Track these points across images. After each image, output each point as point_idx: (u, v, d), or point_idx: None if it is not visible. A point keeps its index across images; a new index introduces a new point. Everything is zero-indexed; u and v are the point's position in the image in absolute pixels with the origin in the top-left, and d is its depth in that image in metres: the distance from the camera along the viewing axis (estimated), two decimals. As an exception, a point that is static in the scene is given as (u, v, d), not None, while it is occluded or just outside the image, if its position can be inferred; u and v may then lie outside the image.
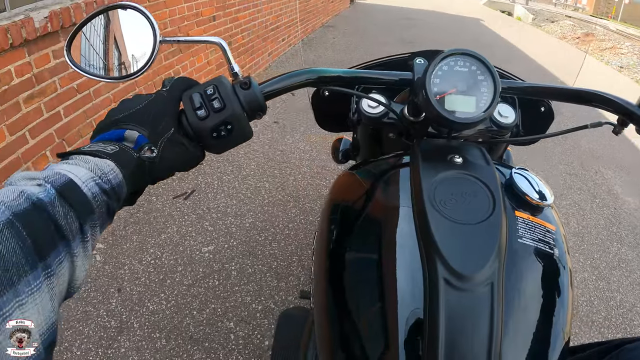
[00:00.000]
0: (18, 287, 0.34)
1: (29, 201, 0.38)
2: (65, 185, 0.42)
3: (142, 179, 0.53)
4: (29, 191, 0.39)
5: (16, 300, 0.34)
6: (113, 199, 0.48)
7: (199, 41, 0.69)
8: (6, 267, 0.33)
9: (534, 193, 0.72)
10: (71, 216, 0.41)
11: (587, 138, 4.05)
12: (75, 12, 2.16)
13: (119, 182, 0.48)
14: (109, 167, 0.48)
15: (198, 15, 3.57)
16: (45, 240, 0.38)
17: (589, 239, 2.65)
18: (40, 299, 0.36)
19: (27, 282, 0.35)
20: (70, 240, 0.41)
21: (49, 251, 0.38)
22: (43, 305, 0.36)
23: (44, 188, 0.40)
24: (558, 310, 0.65)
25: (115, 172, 0.48)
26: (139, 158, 0.52)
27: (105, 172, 0.47)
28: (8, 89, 1.83)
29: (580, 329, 2.02)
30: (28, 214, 0.37)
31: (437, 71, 0.68)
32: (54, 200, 0.40)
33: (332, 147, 1.68)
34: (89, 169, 0.46)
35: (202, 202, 2.68)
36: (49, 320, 0.37)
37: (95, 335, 1.80)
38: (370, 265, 0.69)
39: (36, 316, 0.35)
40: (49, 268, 0.38)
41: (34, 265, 0.36)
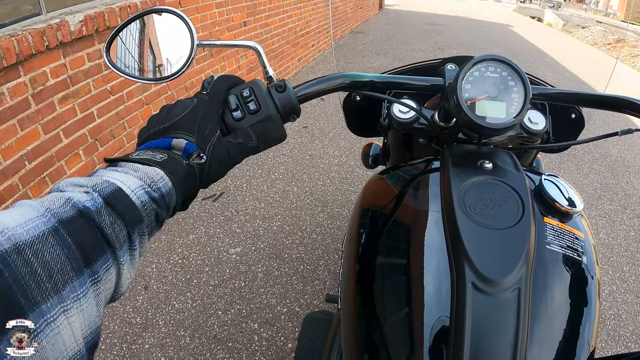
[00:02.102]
0: (63, 293, 0.34)
1: (75, 209, 0.39)
2: (112, 193, 0.42)
3: (192, 186, 0.52)
4: (75, 199, 0.39)
5: (61, 306, 0.34)
6: (162, 208, 0.47)
7: (235, 45, 0.70)
8: (50, 273, 0.34)
9: (564, 200, 0.70)
10: (118, 224, 0.41)
11: (618, 146, 3.91)
12: (109, 17, 2.21)
13: (169, 191, 0.48)
14: (158, 175, 0.47)
15: (229, 21, 3.62)
16: (92, 247, 0.38)
17: (618, 251, 2.54)
18: (87, 304, 0.36)
19: (73, 287, 0.35)
20: (117, 248, 0.40)
21: (96, 258, 0.38)
22: (89, 311, 0.37)
23: (91, 196, 0.41)
24: (584, 320, 0.63)
25: (164, 181, 0.48)
26: (188, 165, 0.51)
27: (154, 181, 0.47)
28: (43, 89, 1.88)
29: (607, 343, 1.93)
30: (74, 221, 0.38)
31: (468, 77, 0.69)
32: (101, 208, 0.40)
33: (362, 152, 1.68)
34: (139, 177, 0.46)
35: (230, 204, 2.70)
36: (94, 325, 0.37)
37: (121, 330, 1.82)
38: (398, 270, 0.69)
39: (81, 321, 0.36)
40: (95, 274, 0.38)
41: (80, 272, 0.36)
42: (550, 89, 0.82)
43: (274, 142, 0.62)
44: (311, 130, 3.79)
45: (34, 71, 1.83)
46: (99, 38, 2.20)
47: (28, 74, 1.80)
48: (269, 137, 0.60)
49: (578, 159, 3.61)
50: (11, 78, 1.72)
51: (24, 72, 1.78)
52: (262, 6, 4.23)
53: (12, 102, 1.74)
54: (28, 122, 1.83)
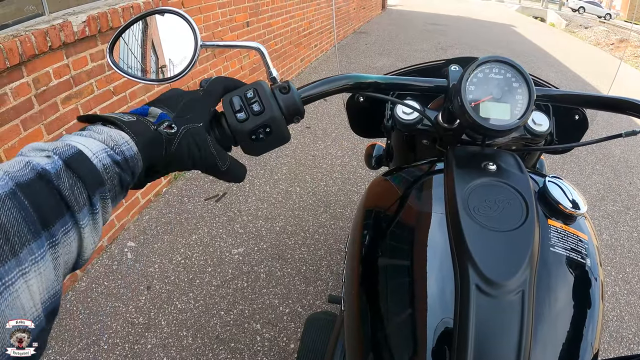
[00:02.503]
0: (20, 256, 0.34)
1: (34, 172, 0.38)
2: (73, 156, 0.41)
3: (158, 154, 0.51)
4: (34, 162, 0.39)
5: (19, 269, 0.33)
6: (126, 172, 0.47)
7: (239, 46, 0.70)
8: (7, 236, 0.33)
9: (567, 202, 0.70)
10: (78, 187, 0.40)
11: (621, 147, 3.90)
12: (112, 17, 2.21)
13: (133, 155, 0.47)
14: (123, 138, 0.47)
15: (232, 21, 3.62)
16: (50, 210, 0.38)
17: (621, 252, 2.53)
18: (45, 267, 0.36)
19: (31, 250, 0.35)
20: (77, 211, 0.40)
21: (54, 221, 0.38)
22: (47, 275, 0.36)
23: (51, 159, 0.40)
24: (588, 322, 0.63)
25: (129, 145, 0.47)
26: (156, 131, 0.51)
27: (118, 144, 0.46)
28: (47, 89, 1.88)
29: (610, 344, 1.93)
30: (31, 184, 0.37)
31: (472, 78, 0.69)
32: (60, 170, 0.40)
33: (365, 153, 1.68)
34: (102, 140, 0.45)
35: (233, 204, 2.70)
36: (52, 290, 0.37)
37: (123, 330, 1.82)
38: (402, 271, 0.69)
39: (39, 285, 0.35)
40: (53, 237, 0.37)
41: (37, 235, 0.36)
42: (554, 90, 0.82)
43: (278, 143, 0.63)
44: (314, 131, 3.79)
45: (37, 71, 1.83)
46: (102, 39, 2.20)
47: (31, 74, 1.80)
48: (239, 173, 0.61)
49: (581, 160, 3.59)
50: (14, 78, 1.72)
51: (27, 72, 1.78)
52: (265, 6, 4.23)
53: (16, 102, 1.74)
54: (31, 123, 1.83)
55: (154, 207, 2.64)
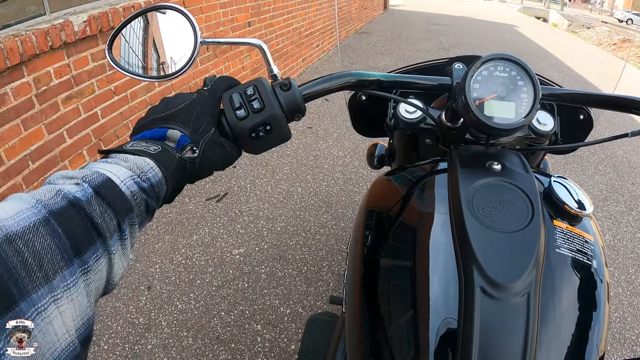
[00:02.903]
0: (53, 283, 0.35)
1: (65, 200, 0.39)
2: (102, 183, 0.43)
3: (182, 179, 0.53)
4: (65, 190, 0.40)
5: (51, 295, 0.34)
6: (152, 198, 0.48)
7: (240, 43, 0.69)
8: (41, 263, 0.34)
9: (573, 202, 0.69)
10: (108, 214, 0.42)
11: (623, 147, 3.88)
12: (113, 17, 2.21)
13: (159, 181, 0.49)
14: (148, 165, 0.48)
15: (233, 21, 3.62)
16: (82, 237, 0.38)
17: (624, 253, 2.52)
18: (77, 294, 0.37)
19: (63, 277, 0.35)
20: (108, 237, 0.41)
21: (86, 248, 0.39)
22: (79, 301, 0.37)
23: (81, 187, 0.41)
24: (594, 324, 0.62)
25: (154, 171, 0.48)
26: (180, 158, 0.52)
27: (144, 171, 0.47)
28: (47, 89, 1.88)
29: (612, 345, 1.91)
30: (64, 212, 0.38)
31: (476, 76, 0.68)
32: (91, 198, 0.41)
33: (367, 152, 1.67)
34: (128, 167, 0.46)
35: (234, 204, 2.69)
36: (85, 316, 0.38)
37: (124, 330, 1.81)
38: (404, 272, 0.68)
39: (72, 311, 0.36)
40: (85, 264, 0.38)
41: (70, 262, 0.37)
42: (560, 89, 0.81)
43: (278, 141, 0.62)
44: (315, 131, 3.78)
45: (37, 71, 1.83)
46: (102, 38, 2.20)
47: (32, 74, 1.80)
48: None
49: (584, 160, 3.58)
50: (15, 78, 1.72)
51: (28, 72, 1.78)
52: (267, 6, 4.23)
53: (16, 102, 1.74)
54: (32, 122, 1.83)
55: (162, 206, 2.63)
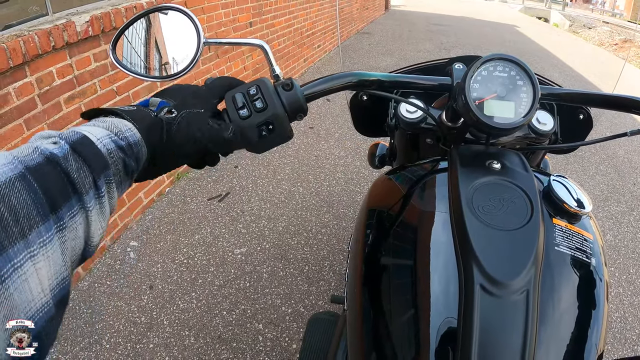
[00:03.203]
0: (29, 238, 0.34)
1: (42, 156, 0.39)
2: (78, 140, 0.43)
3: (156, 140, 0.52)
4: (43, 147, 0.40)
5: (28, 251, 0.34)
6: (131, 157, 0.48)
7: (242, 43, 0.70)
8: (17, 218, 0.34)
9: (572, 201, 0.70)
10: (84, 170, 0.41)
11: (625, 147, 3.87)
12: (115, 17, 2.21)
13: (137, 141, 0.49)
14: (125, 126, 0.48)
15: (235, 22, 3.63)
16: (58, 192, 0.38)
17: (625, 253, 2.52)
18: (52, 251, 0.36)
19: (39, 233, 0.35)
20: (83, 193, 0.41)
21: (61, 204, 0.38)
22: (54, 259, 0.36)
23: (58, 145, 0.41)
24: (593, 323, 0.62)
25: (132, 131, 0.49)
26: (155, 117, 0.52)
27: (121, 130, 0.47)
28: (50, 89, 1.89)
29: (613, 345, 1.91)
30: (40, 167, 0.38)
31: (476, 76, 0.69)
32: (67, 154, 0.41)
33: (368, 152, 1.67)
34: (105, 127, 0.47)
35: (236, 204, 2.70)
36: (60, 275, 0.37)
37: (125, 330, 1.82)
38: (405, 271, 0.68)
39: (47, 269, 0.35)
40: (61, 220, 0.38)
41: (46, 217, 0.36)
42: (559, 89, 0.82)
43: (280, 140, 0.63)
44: (317, 131, 3.79)
45: (40, 71, 1.83)
46: (105, 38, 2.20)
47: (34, 74, 1.80)
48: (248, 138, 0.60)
49: (584, 160, 3.58)
50: (18, 78, 1.73)
51: (30, 72, 1.78)
52: (268, 7, 4.23)
53: (19, 102, 1.74)
54: (34, 122, 1.84)
55: (157, 207, 2.64)
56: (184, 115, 0.54)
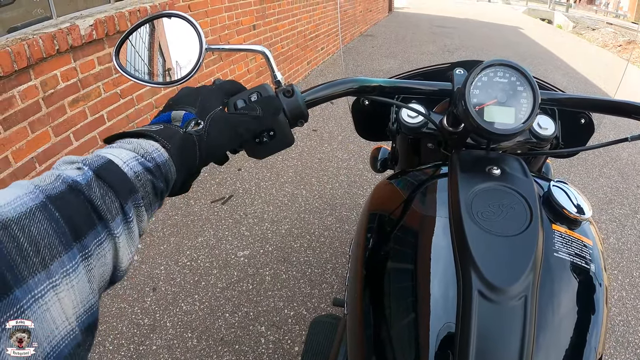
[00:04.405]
0: (51, 268, 0.33)
1: (64, 184, 0.38)
2: (102, 165, 0.41)
3: (190, 156, 0.51)
4: (65, 174, 0.39)
5: (49, 282, 0.33)
6: (159, 178, 0.47)
7: (244, 50, 0.71)
8: (37, 248, 0.33)
9: (572, 207, 0.69)
10: (109, 196, 0.40)
11: (628, 150, 3.86)
12: (119, 21, 2.23)
13: (165, 161, 0.47)
14: (152, 146, 0.47)
15: (238, 25, 3.64)
16: (82, 221, 0.37)
17: (628, 256, 2.50)
18: (77, 280, 0.35)
19: (62, 262, 0.34)
20: (109, 220, 0.40)
21: (86, 232, 0.37)
22: (80, 287, 0.36)
23: (82, 171, 0.40)
24: (592, 328, 0.62)
25: (159, 151, 0.47)
26: (185, 133, 0.51)
27: (148, 151, 0.46)
28: (54, 92, 1.90)
29: (616, 349, 1.90)
30: (62, 196, 0.37)
31: (476, 82, 0.69)
32: (91, 181, 0.39)
33: (370, 156, 1.68)
34: (131, 149, 0.46)
35: (239, 207, 2.71)
36: (87, 303, 0.36)
37: (129, 331, 1.83)
38: (405, 275, 0.69)
39: (72, 298, 0.35)
40: (86, 249, 0.37)
41: (69, 246, 0.35)
42: (560, 94, 0.82)
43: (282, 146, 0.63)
44: (320, 134, 3.79)
45: (44, 74, 1.85)
46: (109, 42, 2.22)
47: (39, 77, 1.82)
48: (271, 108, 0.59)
49: (588, 163, 3.57)
50: (22, 81, 1.74)
51: (35, 75, 1.80)
52: (272, 10, 4.25)
53: (23, 105, 1.76)
54: (39, 125, 1.85)
55: (160, 209, 2.65)
56: (210, 121, 0.53)
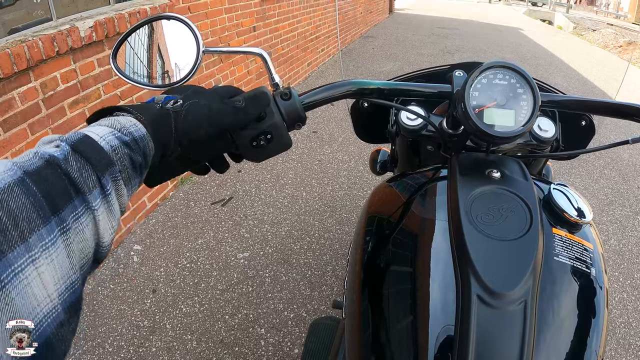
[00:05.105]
0: (30, 242, 0.33)
1: (42, 159, 0.38)
2: (79, 140, 0.42)
3: (165, 132, 0.51)
4: (43, 151, 0.39)
5: (28, 255, 0.33)
6: (137, 152, 0.47)
7: (241, 52, 0.71)
8: (16, 222, 0.33)
9: (573, 210, 0.69)
10: (87, 169, 0.41)
11: (629, 151, 3.85)
12: (119, 23, 2.23)
13: (142, 135, 0.48)
14: (130, 122, 0.48)
15: (238, 26, 3.64)
16: (59, 194, 0.37)
17: (629, 258, 2.50)
18: (56, 254, 0.35)
19: (40, 236, 0.34)
20: (87, 193, 0.40)
21: (63, 205, 0.37)
22: (60, 262, 0.35)
23: (59, 147, 0.41)
24: (592, 331, 0.62)
25: (137, 126, 0.48)
26: (161, 108, 0.51)
27: (125, 126, 0.47)
28: (54, 94, 1.90)
29: (617, 351, 1.89)
30: (40, 171, 0.37)
31: (476, 84, 0.68)
32: (68, 154, 0.40)
33: (370, 158, 1.67)
34: (108, 124, 0.46)
35: (239, 209, 2.70)
36: (68, 279, 0.36)
37: (128, 333, 1.83)
38: (404, 279, 0.68)
39: (52, 272, 0.34)
40: (64, 222, 0.37)
41: (47, 220, 0.35)
42: (560, 96, 0.81)
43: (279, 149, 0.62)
44: (320, 135, 3.79)
45: (44, 76, 1.84)
46: (108, 44, 2.21)
47: (39, 79, 1.82)
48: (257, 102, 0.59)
49: (589, 164, 3.56)
50: (22, 83, 1.74)
51: (35, 77, 1.80)
52: (272, 11, 4.25)
53: (23, 106, 1.76)
54: (39, 127, 1.85)
55: (161, 211, 2.65)
56: (190, 105, 0.53)
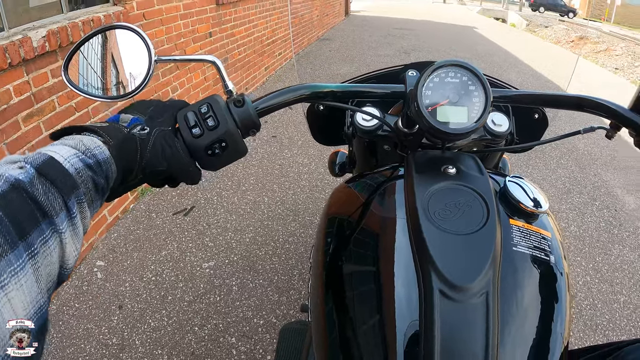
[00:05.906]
0: None
1: (7, 183, 0.38)
2: (44, 162, 0.42)
3: (130, 158, 0.51)
4: (7, 173, 0.39)
5: None
6: (99, 175, 0.47)
7: (194, 60, 0.71)
8: None
9: (529, 201, 0.71)
10: (52, 192, 0.40)
11: (584, 141, 4.05)
12: (72, 31, 2.17)
13: (106, 158, 0.48)
14: (94, 143, 0.48)
15: (194, 32, 3.60)
16: (25, 219, 0.37)
17: (590, 242, 2.62)
18: (25, 279, 0.35)
19: (9, 261, 0.34)
20: (54, 216, 0.40)
21: (30, 230, 0.37)
22: (29, 287, 0.35)
23: (24, 169, 0.40)
24: (556, 316, 0.64)
25: (101, 149, 0.48)
26: (129, 133, 0.52)
27: (89, 148, 0.47)
28: (7, 107, 1.83)
29: (585, 332, 1.99)
30: (5, 195, 0.37)
31: (428, 83, 0.70)
32: (33, 178, 0.40)
33: (328, 160, 1.68)
34: (73, 145, 0.46)
35: (201, 218, 2.68)
36: (37, 304, 0.36)
37: (97, 352, 1.78)
38: (367, 278, 0.69)
39: (22, 297, 0.34)
40: (31, 247, 0.37)
41: (14, 245, 0.35)
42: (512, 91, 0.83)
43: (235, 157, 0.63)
44: (280, 140, 3.80)
45: (-4, 90, 1.78)
46: (62, 54, 2.15)
47: (-10, 93, 1.75)
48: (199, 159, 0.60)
49: (546, 155, 3.70)
50: (-27, 98, 1.68)
51: (-14, 91, 1.73)
52: (228, 16, 4.22)
53: (-26, 123, 1.69)
54: (-9, 143, 1.78)
55: (122, 224, 2.59)
56: (157, 135, 0.54)
